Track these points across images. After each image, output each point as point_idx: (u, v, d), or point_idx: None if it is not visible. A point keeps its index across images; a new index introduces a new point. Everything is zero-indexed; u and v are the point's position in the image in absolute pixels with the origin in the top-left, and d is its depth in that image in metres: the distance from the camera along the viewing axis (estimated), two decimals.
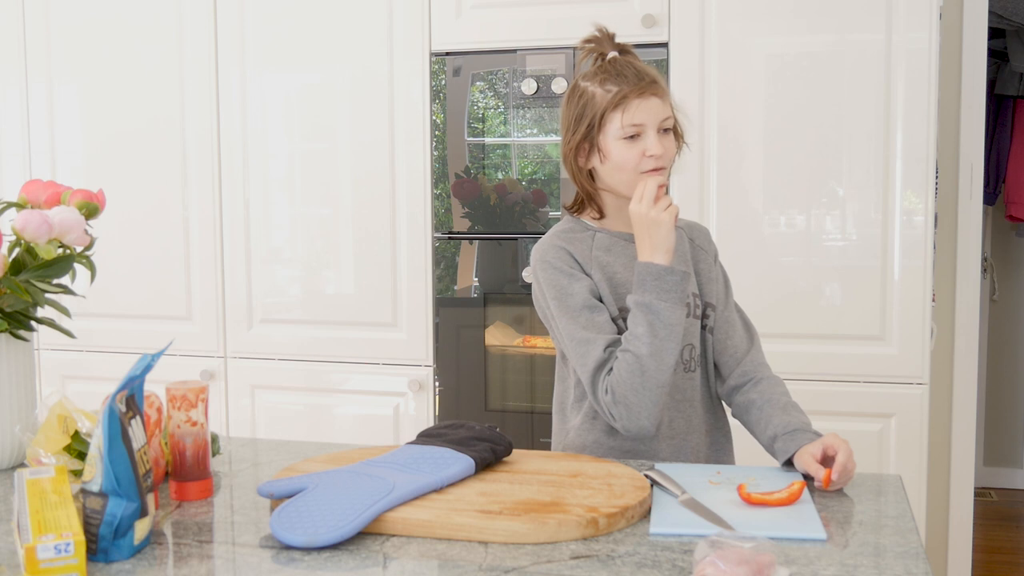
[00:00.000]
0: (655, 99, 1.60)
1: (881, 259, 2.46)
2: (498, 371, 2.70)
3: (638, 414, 1.54)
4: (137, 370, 1.26)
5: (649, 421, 1.55)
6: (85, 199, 1.62)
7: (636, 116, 1.58)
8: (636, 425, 1.55)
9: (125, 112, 2.93)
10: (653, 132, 1.60)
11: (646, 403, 1.53)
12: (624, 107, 1.59)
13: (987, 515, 4.05)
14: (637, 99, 1.59)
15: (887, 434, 2.47)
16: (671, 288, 1.53)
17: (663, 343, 1.52)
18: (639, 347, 1.53)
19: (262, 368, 2.88)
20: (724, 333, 1.73)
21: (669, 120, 1.62)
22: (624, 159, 1.60)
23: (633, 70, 1.62)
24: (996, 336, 4.42)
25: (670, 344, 1.53)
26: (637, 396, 1.53)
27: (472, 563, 1.16)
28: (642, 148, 1.59)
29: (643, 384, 1.53)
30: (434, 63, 2.69)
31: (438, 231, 2.72)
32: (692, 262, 1.72)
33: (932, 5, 2.39)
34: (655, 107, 1.60)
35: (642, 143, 1.59)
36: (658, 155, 1.59)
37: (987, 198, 3.87)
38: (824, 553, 1.20)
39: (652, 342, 1.52)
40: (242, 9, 2.82)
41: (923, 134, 2.42)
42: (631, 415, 1.54)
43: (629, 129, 1.59)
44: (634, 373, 1.53)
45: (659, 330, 1.52)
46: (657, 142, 1.59)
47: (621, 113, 1.59)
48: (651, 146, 1.59)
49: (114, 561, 1.18)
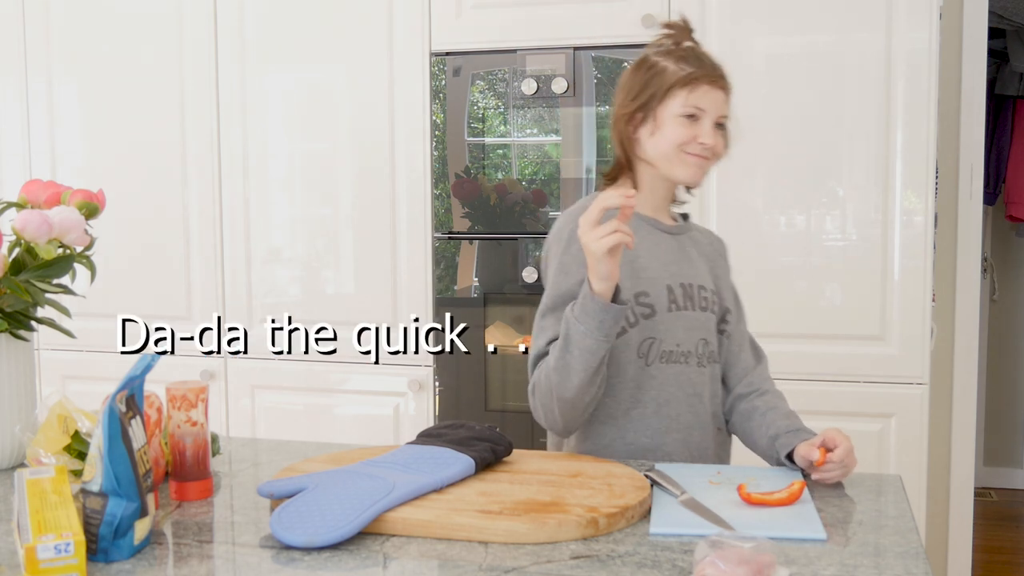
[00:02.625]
0: (722, 93, 1.62)
1: (881, 259, 2.46)
2: (498, 371, 2.70)
3: (545, 417, 1.58)
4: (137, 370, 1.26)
5: (554, 426, 1.58)
6: (85, 199, 1.62)
7: (701, 100, 1.59)
8: (547, 426, 1.60)
9: (125, 112, 2.93)
10: (710, 122, 1.61)
11: (553, 410, 1.55)
12: (693, 88, 1.59)
13: (987, 515, 4.05)
14: (708, 85, 1.60)
15: (887, 434, 2.47)
16: (591, 313, 1.45)
17: (569, 362, 1.48)
18: (550, 359, 1.52)
19: (262, 368, 2.88)
20: (737, 345, 1.73)
21: (726, 119, 1.64)
22: (675, 135, 1.60)
23: (709, 60, 1.64)
24: (996, 336, 4.42)
25: (577, 365, 1.48)
26: (544, 401, 1.55)
27: (472, 563, 1.16)
28: (696, 132, 1.60)
29: (549, 393, 1.53)
30: (434, 63, 2.69)
31: (438, 231, 2.72)
32: (710, 264, 1.73)
33: (932, 5, 2.39)
34: (719, 100, 1.61)
35: (697, 128, 1.60)
36: (709, 144, 1.60)
37: (987, 198, 3.87)
38: (824, 553, 1.20)
39: (560, 357, 1.49)
40: (242, 9, 2.82)
41: (923, 134, 2.42)
42: (541, 416, 1.58)
43: (690, 109, 1.59)
44: (546, 379, 1.53)
45: (571, 348, 1.48)
46: (711, 132, 1.60)
47: (688, 92, 1.59)
48: (705, 134, 1.60)
49: (114, 561, 1.18)
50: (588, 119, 2.60)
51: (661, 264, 1.64)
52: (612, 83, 2.58)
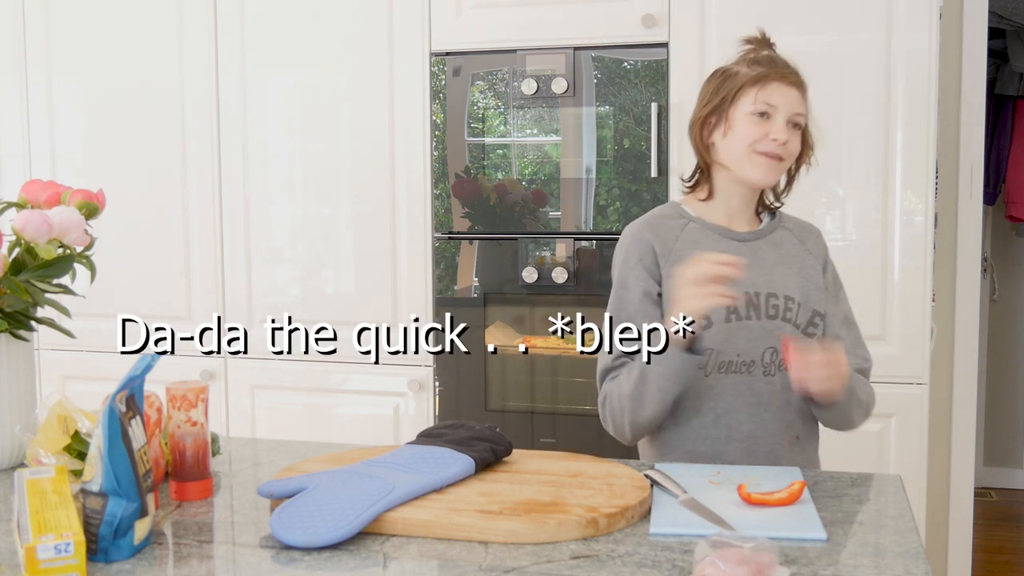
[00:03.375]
0: (795, 91, 1.60)
1: (881, 259, 2.46)
2: (498, 371, 2.70)
3: (617, 432, 1.65)
4: (137, 370, 1.26)
5: (625, 440, 1.66)
6: (85, 199, 1.62)
7: (771, 96, 1.58)
8: (615, 435, 1.66)
9: (125, 112, 2.93)
10: (783, 119, 1.58)
11: (623, 427, 1.62)
12: (763, 85, 1.58)
13: (987, 515, 4.05)
14: (778, 82, 1.59)
15: (887, 434, 2.47)
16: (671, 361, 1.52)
17: (645, 394, 1.56)
18: (625, 384, 1.59)
19: (262, 368, 2.88)
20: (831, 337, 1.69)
21: (802, 116, 1.61)
22: (746, 133, 1.59)
23: (783, 61, 1.64)
24: (996, 336, 4.42)
25: (652, 399, 1.56)
26: (616, 416, 1.62)
27: (472, 563, 1.16)
28: (767, 130, 1.58)
29: (621, 411, 1.60)
30: (434, 63, 2.69)
31: (438, 231, 2.72)
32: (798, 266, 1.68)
33: (932, 5, 2.39)
34: (792, 97, 1.59)
35: (768, 125, 1.58)
36: (781, 141, 1.57)
37: (987, 198, 3.87)
38: (824, 553, 1.20)
39: (636, 388, 1.57)
40: (242, 9, 2.82)
41: (923, 134, 2.42)
42: (613, 429, 1.65)
43: (761, 106, 1.58)
44: (618, 398, 1.60)
45: (647, 385, 1.55)
46: (784, 129, 1.58)
47: (758, 90, 1.58)
48: (777, 130, 1.57)
49: (114, 561, 1.18)
50: (588, 119, 2.60)
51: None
52: (612, 83, 2.58)
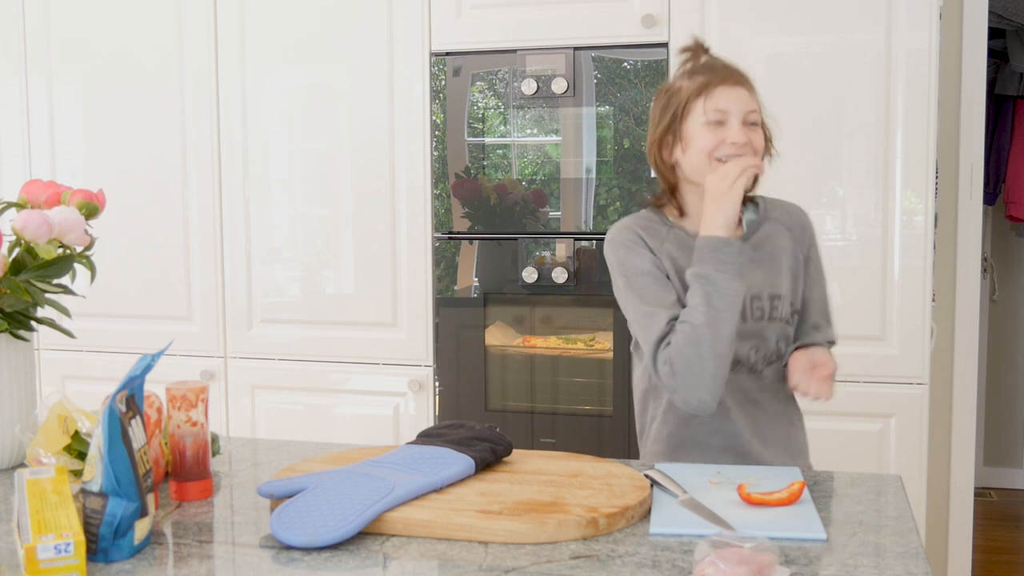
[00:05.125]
0: (742, 89, 1.59)
1: (881, 259, 2.46)
2: (498, 371, 2.70)
3: (696, 386, 1.52)
4: (137, 370, 1.26)
5: (709, 394, 1.52)
6: (85, 199, 1.62)
7: (720, 102, 1.57)
8: (695, 398, 1.53)
9: (125, 112, 2.93)
10: (737, 121, 1.58)
11: (703, 375, 1.51)
12: (708, 94, 1.58)
13: (987, 515, 4.05)
14: (722, 86, 1.58)
15: (887, 434, 2.47)
16: (729, 260, 1.52)
17: (719, 313, 1.50)
18: (696, 317, 1.51)
19: (262, 368, 2.88)
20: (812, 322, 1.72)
21: (755, 114, 1.60)
22: (704, 144, 1.58)
23: (722, 64, 1.62)
24: (996, 336, 4.42)
25: (727, 314, 1.50)
26: (692, 367, 1.51)
27: (472, 563, 1.16)
28: (723, 135, 1.57)
29: (699, 355, 1.50)
30: (434, 63, 2.69)
31: (438, 231, 2.72)
32: (784, 262, 1.69)
33: (932, 5, 2.39)
34: (741, 97, 1.58)
35: (724, 130, 1.58)
36: (740, 143, 1.57)
37: (987, 198, 3.87)
38: (824, 553, 1.20)
39: (708, 311, 1.50)
40: (242, 9, 2.82)
41: (923, 134, 2.42)
42: (688, 387, 1.52)
43: (712, 114, 1.57)
44: (691, 344, 1.51)
45: (715, 300, 1.50)
46: (740, 131, 1.57)
47: (705, 99, 1.58)
48: (733, 133, 1.57)
49: (114, 561, 1.18)
50: (588, 119, 2.60)
51: None
52: (612, 83, 2.58)
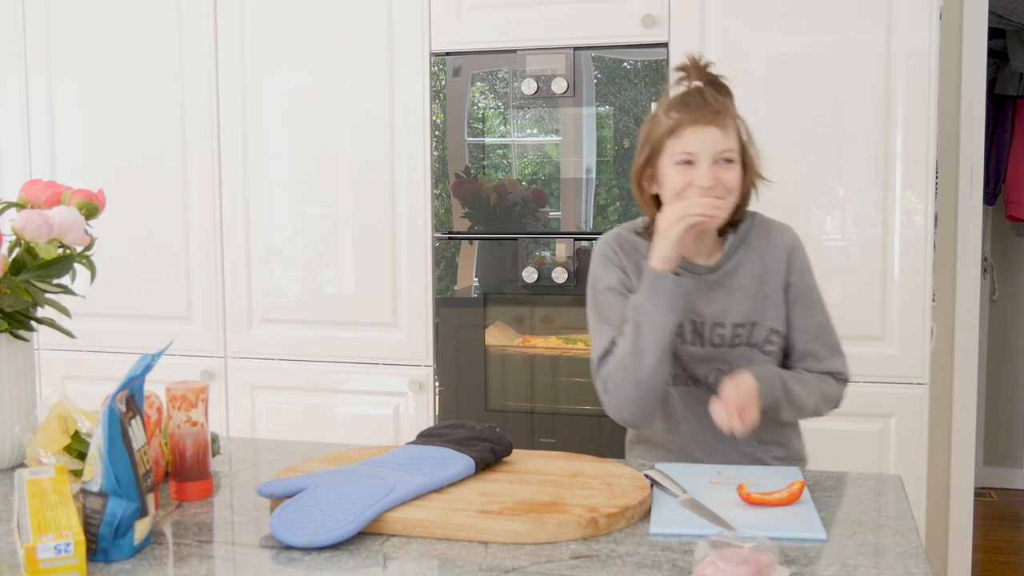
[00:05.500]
0: (713, 129, 1.59)
1: (881, 259, 2.46)
2: (498, 371, 2.70)
3: (620, 407, 1.63)
4: (137, 370, 1.27)
5: (632, 416, 1.63)
6: (85, 199, 1.62)
7: (688, 144, 1.59)
8: (619, 416, 1.65)
9: (125, 112, 2.93)
10: (706, 163, 1.59)
11: (627, 396, 1.61)
12: (678, 134, 1.60)
13: (987, 515, 4.05)
14: (691, 127, 1.59)
15: (887, 434, 2.47)
16: (660, 292, 1.57)
17: (644, 343, 1.57)
18: (623, 344, 1.61)
19: (262, 368, 2.88)
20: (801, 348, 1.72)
21: (729, 152, 1.61)
22: (672, 184, 1.61)
23: (700, 100, 1.62)
24: (996, 336, 4.42)
25: (651, 344, 1.57)
26: (619, 389, 1.61)
27: (472, 563, 1.16)
28: (691, 177, 1.59)
29: (623, 379, 1.60)
30: (434, 63, 2.69)
31: (438, 231, 2.72)
32: (756, 290, 1.69)
33: (932, 5, 2.39)
34: (712, 137, 1.59)
35: (692, 172, 1.59)
36: (706, 187, 1.58)
37: (987, 198, 3.87)
38: (824, 553, 1.20)
39: (634, 341, 1.58)
40: (242, 9, 2.82)
41: (923, 134, 2.42)
42: (616, 405, 1.63)
43: (680, 156, 1.60)
44: (619, 368, 1.61)
45: (643, 330, 1.58)
46: (708, 173, 1.58)
47: (674, 140, 1.60)
48: (700, 177, 1.58)
49: (114, 561, 1.18)
50: (588, 119, 2.60)
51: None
52: (612, 83, 2.58)
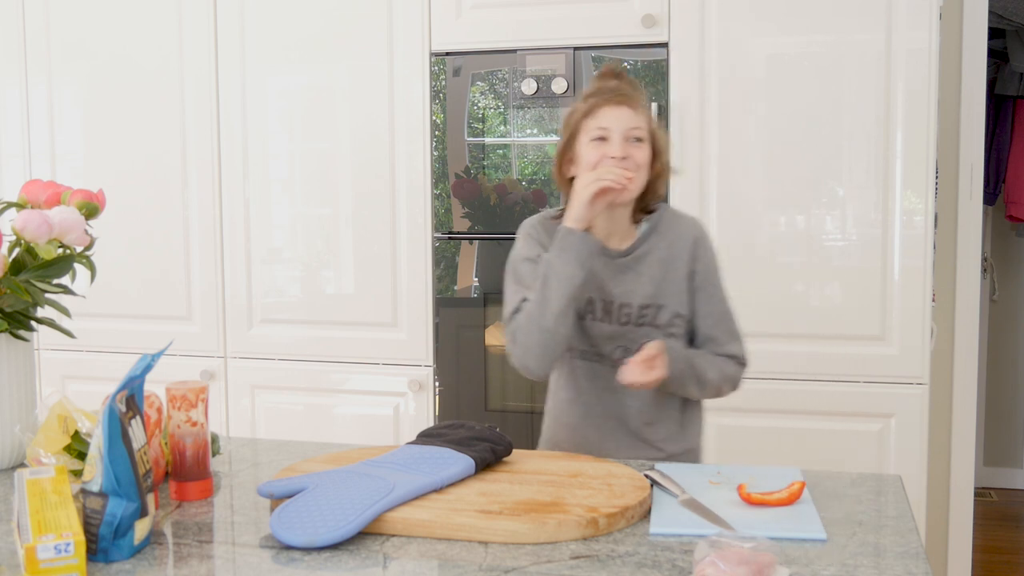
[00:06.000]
0: (625, 108, 1.71)
1: (881, 259, 2.46)
2: (498, 371, 2.70)
3: (524, 355, 1.70)
4: (137, 370, 1.27)
5: (535, 363, 1.70)
6: (85, 199, 1.62)
7: (602, 120, 1.71)
8: (523, 364, 1.72)
9: (125, 112, 2.93)
10: (618, 137, 1.70)
11: (532, 344, 1.68)
12: (593, 113, 1.72)
13: (987, 515, 4.05)
14: (605, 107, 1.71)
15: (887, 434, 2.47)
16: (569, 247, 1.67)
17: (550, 292, 1.67)
18: (532, 297, 1.70)
19: (262, 368, 2.88)
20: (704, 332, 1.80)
21: (639, 130, 1.71)
22: (588, 159, 1.72)
23: (613, 84, 1.75)
24: (996, 336, 4.42)
25: (556, 294, 1.66)
26: (525, 338, 1.69)
27: (472, 563, 1.16)
28: (604, 151, 1.70)
29: (530, 328, 1.68)
30: (434, 63, 2.69)
31: (438, 231, 2.72)
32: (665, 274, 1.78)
33: (932, 5, 2.39)
34: (624, 115, 1.70)
35: (606, 146, 1.70)
36: (618, 156, 1.69)
37: (987, 198, 3.87)
38: (824, 553, 1.20)
39: (542, 290, 1.68)
40: (242, 9, 2.82)
41: (923, 134, 2.42)
42: (521, 355, 1.71)
43: (595, 132, 1.71)
44: (527, 317, 1.69)
45: (550, 281, 1.67)
46: (620, 146, 1.69)
47: (590, 119, 1.72)
48: (612, 148, 1.69)
49: (114, 561, 1.18)
50: None
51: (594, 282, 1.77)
52: None
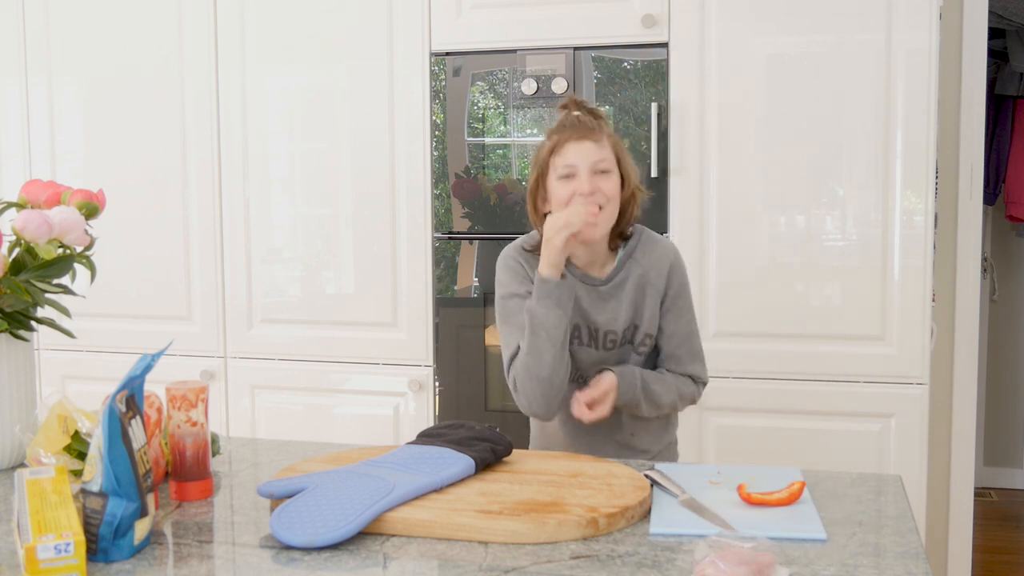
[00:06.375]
0: (588, 143, 1.75)
1: (881, 259, 2.46)
2: (498, 371, 2.70)
3: (529, 403, 1.77)
4: (137, 370, 1.27)
5: (540, 409, 1.77)
6: (85, 199, 1.62)
7: (567, 157, 1.75)
8: (529, 411, 1.79)
9: (125, 112, 2.93)
10: (585, 173, 1.74)
11: (533, 393, 1.75)
12: (558, 151, 1.76)
13: (987, 515, 4.05)
14: (568, 143, 1.75)
15: (887, 434, 2.47)
16: (548, 295, 1.72)
17: (540, 342, 1.72)
18: (523, 346, 1.76)
19: (262, 368, 2.88)
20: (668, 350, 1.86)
21: (604, 162, 1.76)
22: (559, 197, 1.76)
23: (574, 120, 1.78)
24: (996, 336, 4.42)
25: (546, 343, 1.72)
26: (525, 387, 1.76)
27: (472, 563, 1.16)
28: (573, 188, 1.74)
29: (527, 378, 1.74)
30: (434, 63, 2.69)
31: (438, 231, 2.72)
32: (639, 300, 1.83)
33: (932, 5, 2.39)
34: (587, 149, 1.74)
35: (574, 183, 1.74)
36: (587, 192, 1.73)
37: (987, 198, 3.87)
38: (824, 553, 1.20)
39: (530, 341, 1.73)
40: (242, 9, 2.82)
41: (923, 134, 2.42)
42: (526, 404, 1.78)
43: (562, 169, 1.75)
44: (523, 368, 1.75)
45: (538, 331, 1.72)
46: (587, 181, 1.73)
47: (556, 157, 1.76)
48: (580, 185, 1.74)
49: (114, 561, 1.18)
50: None
51: (578, 310, 1.82)
52: (612, 83, 2.58)
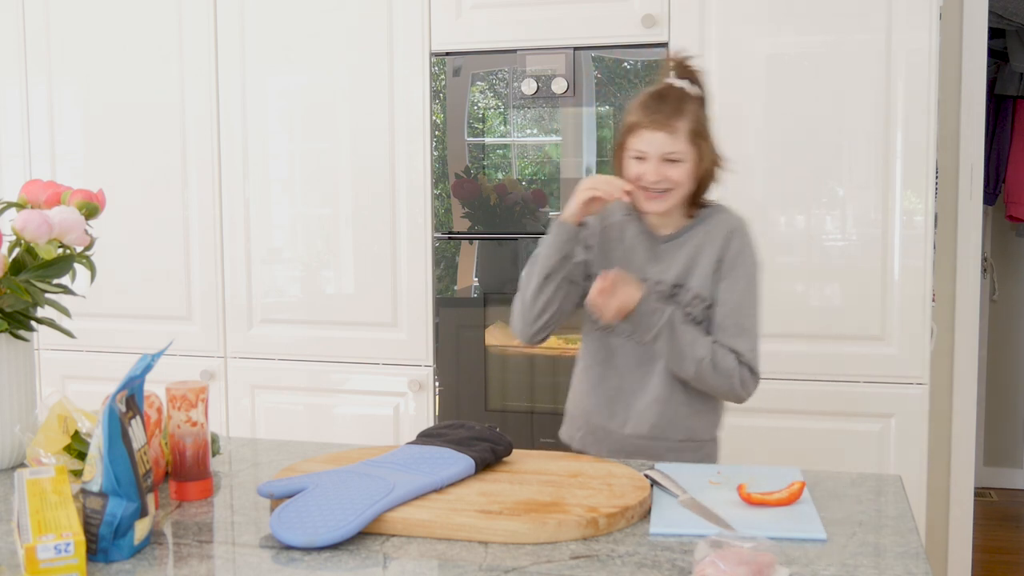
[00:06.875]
0: (661, 134, 1.80)
1: (881, 259, 2.46)
2: (498, 371, 2.70)
3: (512, 320, 1.92)
4: (137, 370, 1.27)
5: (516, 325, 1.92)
6: (85, 199, 1.62)
7: (641, 144, 1.81)
8: (512, 328, 1.93)
9: (125, 112, 2.93)
10: (654, 161, 1.80)
11: (516, 308, 1.91)
12: (635, 134, 1.82)
13: (987, 515, 4.05)
14: (643, 130, 1.81)
15: (887, 434, 2.47)
16: (551, 231, 1.85)
17: (532, 269, 1.86)
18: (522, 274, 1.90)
19: (262, 368, 2.88)
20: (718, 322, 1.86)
21: (675, 154, 1.81)
22: (628, 173, 1.85)
23: (658, 103, 1.82)
24: (996, 336, 4.42)
25: (536, 271, 1.86)
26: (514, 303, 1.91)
27: (472, 563, 1.16)
28: (641, 171, 1.82)
29: (518, 294, 1.89)
30: (434, 63, 2.69)
31: (438, 231, 2.72)
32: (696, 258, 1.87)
33: (932, 5, 2.39)
34: (659, 140, 1.80)
35: (643, 167, 1.81)
36: (652, 181, 1.80)
37: (987, 198, 3.87)
38: (824, 553, 1.20)
39: (528, 268, 1.88)
40: (242, 9, 2.82)
41: (923, 134, 2.42)
42: (511, 321, 1.93)
43: (634, 152, 1.83)
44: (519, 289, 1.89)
45: (535, 258, 1.86)
46: (655, 170, 1.80)
47: (631, 138, 1.83)
48: (648, 172, 1.81)
49: (114, 561, 1.18)
50: (588, 119, 2.60)
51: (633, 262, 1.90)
52: (612, 83, 2.58)
